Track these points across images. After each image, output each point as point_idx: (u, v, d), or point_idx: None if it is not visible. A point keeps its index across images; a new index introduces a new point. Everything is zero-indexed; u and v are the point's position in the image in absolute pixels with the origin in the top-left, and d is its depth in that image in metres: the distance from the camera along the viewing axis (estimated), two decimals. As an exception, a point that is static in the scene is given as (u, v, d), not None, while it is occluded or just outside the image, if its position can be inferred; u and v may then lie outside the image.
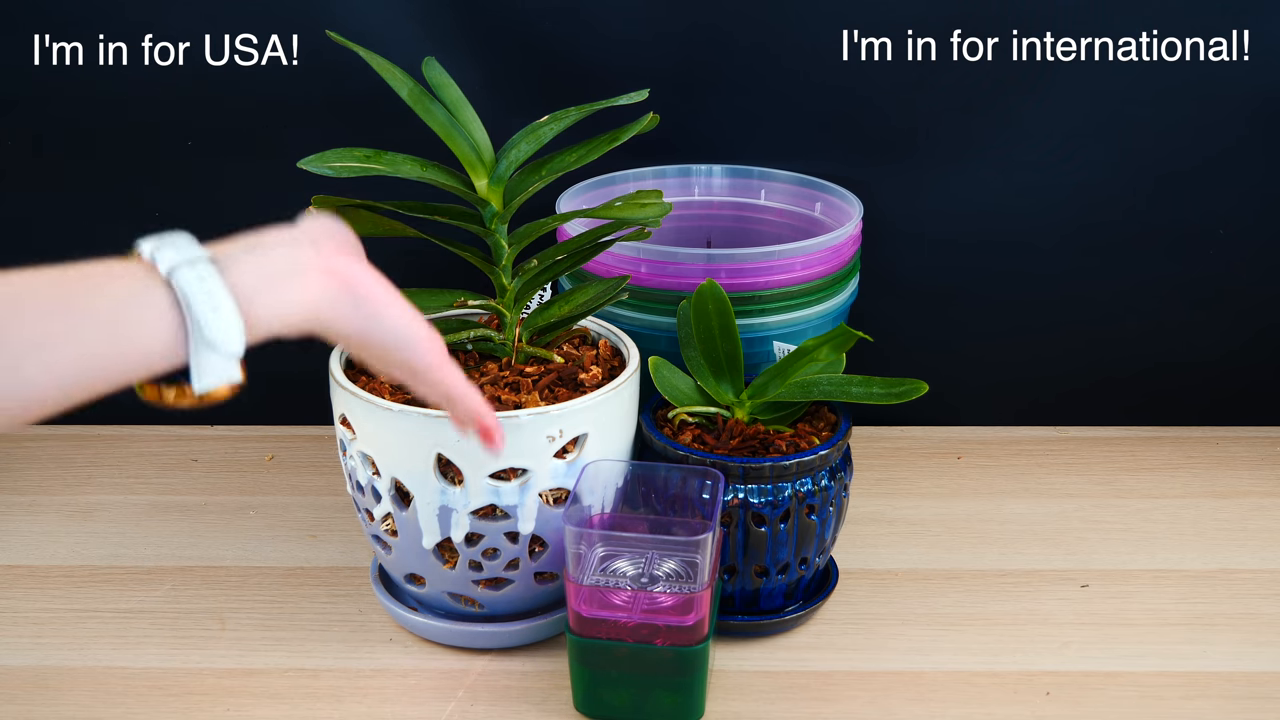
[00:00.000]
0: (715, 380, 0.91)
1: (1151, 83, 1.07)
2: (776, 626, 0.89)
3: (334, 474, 1.10)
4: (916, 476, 1.11)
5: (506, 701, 0.83)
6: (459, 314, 0.93)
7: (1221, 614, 0.92)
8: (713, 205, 1.13)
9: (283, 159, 0.87)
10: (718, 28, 1.08)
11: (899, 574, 0.97)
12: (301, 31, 1.05)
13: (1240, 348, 1.17)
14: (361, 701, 0.82)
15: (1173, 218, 1.12)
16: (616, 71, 1.08)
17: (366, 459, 0.83)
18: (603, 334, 0.93)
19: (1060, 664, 0.86)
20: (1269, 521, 1.04)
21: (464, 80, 0.91)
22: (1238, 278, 1.14)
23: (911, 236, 1.13)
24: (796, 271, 0.96)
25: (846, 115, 1.10)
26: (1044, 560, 0.98)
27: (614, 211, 0.85)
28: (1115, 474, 1.11)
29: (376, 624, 0.91)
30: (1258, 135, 1.09)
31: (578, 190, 1.08)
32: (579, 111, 0.88)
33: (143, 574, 0.97)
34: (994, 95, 1.08)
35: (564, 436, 0.81)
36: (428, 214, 0.84)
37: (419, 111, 0.86)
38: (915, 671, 0.86)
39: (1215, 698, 0.83)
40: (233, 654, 0.87)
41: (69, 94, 1.08)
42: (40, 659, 0.87)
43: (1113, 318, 1.16)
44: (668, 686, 0.79)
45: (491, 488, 0.81)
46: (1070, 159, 1.10)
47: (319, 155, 0.80)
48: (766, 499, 0.84)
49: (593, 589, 0.78)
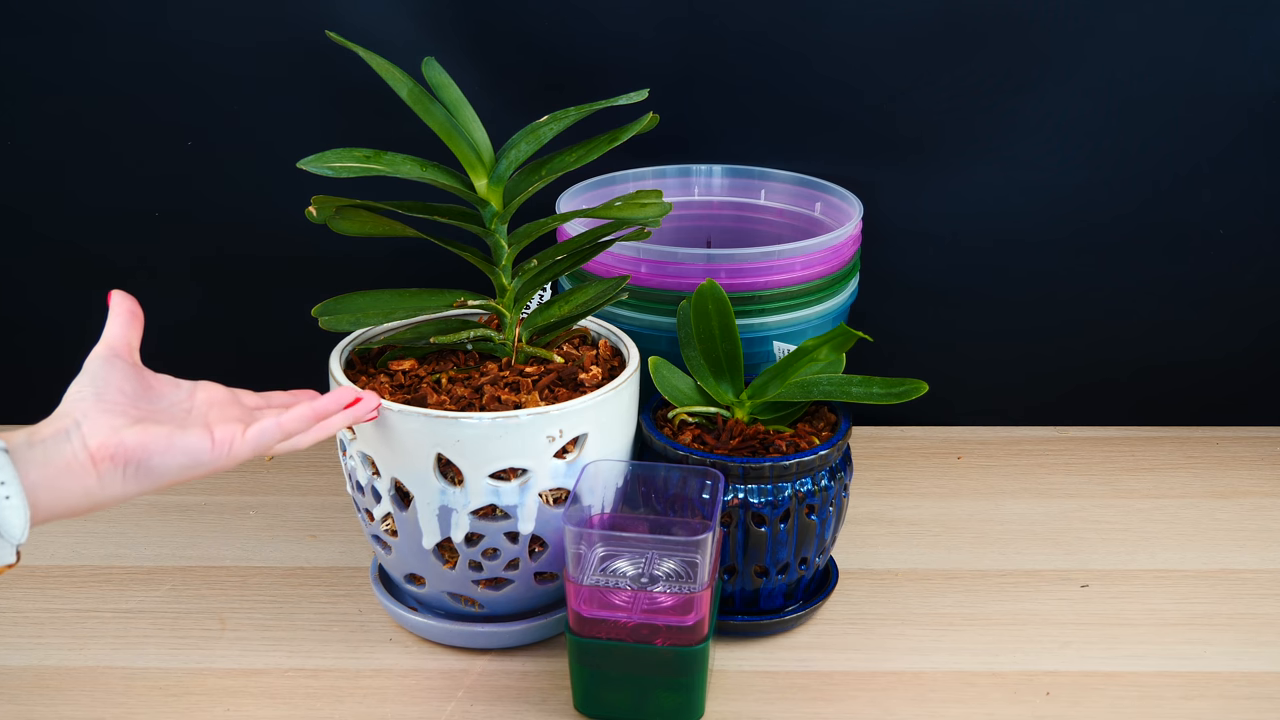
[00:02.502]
0: (715, 380, 0.91)
1: (1151, 82, 1.07)
2: (776, 626, 0.89)
3: (334, 474, 1.10)
4: (916, 476, 1.11)
5: (506, 701, 0.83)
6: (459, 314, 0.92)
7: (1221, 614, 0.92)
8: (713, 205, 1.13)
9: (283, 159, 0.87)
10: (718, 27, 1.08)
11: (899, 574, 0.97)
12: (301, 31, 1.05)
13: (1240, 348, 1.17)
14: (361, 701, 0.82)
15: (1172, 218, 1.12)
16: (616, 71, 1.08)
17: (366, 459, 0.83)
18: (603, 334, 0.93)
19: (1060, 664, 0.86)
20: (1269, 521, 1.04)
21: (464, 80, 0.91)
22: (1238, 278, 1.14)
23: (911, 236, 1.13)
24: (796, 271, 0.96)
25: (846, 115, 1.10)
26: (1044, 560, 0.98)
27: (614, 211, 0.85)
28: (1115, 474, 1.11)
29: (376, 624, 0.91)
30: (1257, 135, 1.09)
31: (578, 190, 1.08)
32: (579, 111, 0.88)
33: (143, 574, 0.97)
34: (994, 95, 1.08)
35: (564, 436, 0.81)
36: (427, 214, 0.84)
37: (419, 111, 0.86)
38: (915, 671, 0.86)
39: (1215, 698, 0.83)
40: (233, 654, 0.87)
41: (68, 93, 1.08)
42: (40, 659, 0.87)
43: (1113, 318, 1.16)
44: (668, 686, 0.79)
45: (491, 488, 0.81)
46: (1070, 159, 1.10)
47: (319, 155, 0.80)
48: (766, 499, 0.84)
49: (593, 589, 0.78)
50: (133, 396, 0.69)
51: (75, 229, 1.13)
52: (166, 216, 1.13)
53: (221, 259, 1.15)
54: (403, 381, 0.86)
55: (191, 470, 0.68)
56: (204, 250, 1.14)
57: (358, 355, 0.89)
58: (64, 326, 1.16)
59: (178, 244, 1.13)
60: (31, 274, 1.15)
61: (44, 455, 0.64)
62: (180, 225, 1.13)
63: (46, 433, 0.65)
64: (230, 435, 0.69)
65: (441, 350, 0.90)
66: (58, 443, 0.65)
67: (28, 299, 1.16)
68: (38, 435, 0.65)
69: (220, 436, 0.69)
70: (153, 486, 0.68)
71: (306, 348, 0.96)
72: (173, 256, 1.14)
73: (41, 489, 0.64)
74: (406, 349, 0.89)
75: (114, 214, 1.13)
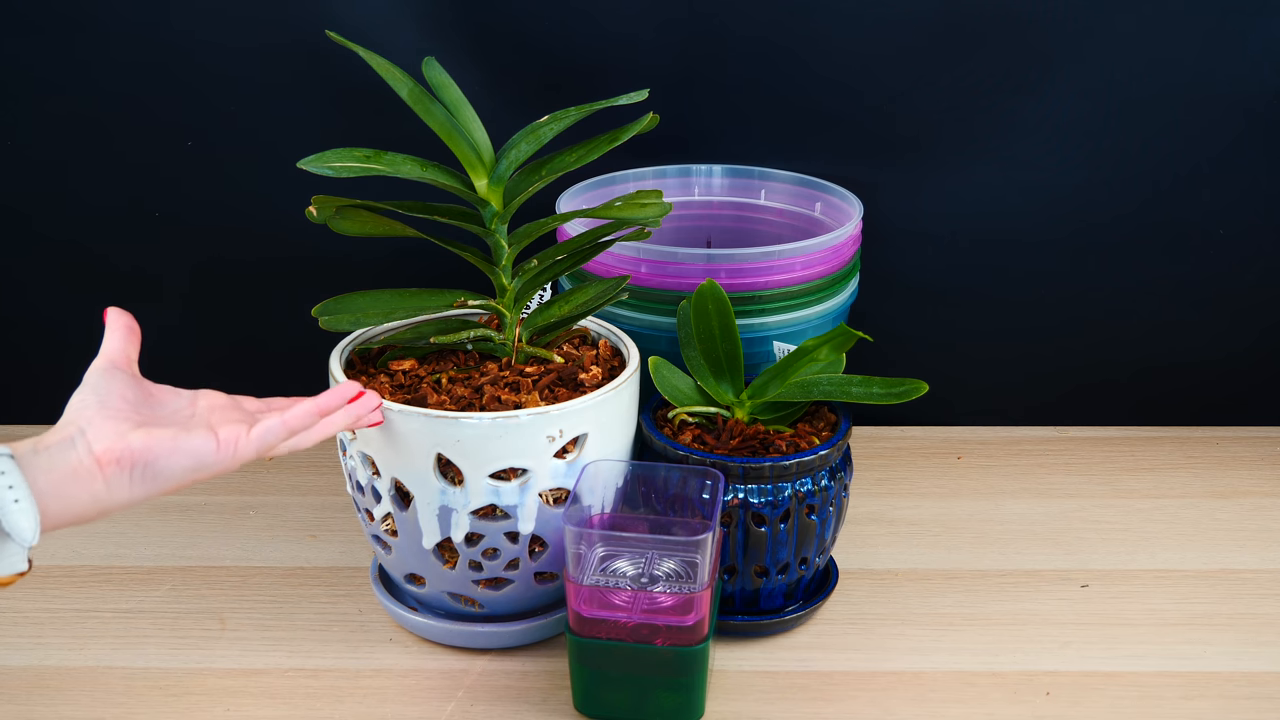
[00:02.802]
0: (715, 380, 0.91)
1: (1151, 83, 1.07)
2: (776, 626, 0.89)
3: (334, 474, 1.10)
4: (916, 476, 1.11)
5: (506, 701, 0.83)
6: (459, 314, 0.92)
7: (1221, 614, 0.92)
8: (713, 205, 1.13)
9: (283, 159, 0.87)
10: (718, 27, 1.07)
11: (899, 574, 0.97)
12: (301, 31, 1.05)
13: (1240, 348, 1.17)
14: (361, 701, 0.82)
15: (1172, 218, 1.12)
16: (616, 71, 1.08)
17: (366, 459, 0.83)
18: (603, 334, 0.93)
19: (1060, 664, 0.86)
20: (1269, 521, 1.04)
21: (464, 80, 0.91)
22: (1238, 278, 1.14)
23: (911, 236, 1.13)
24: (796, 271, 0.96)
25: (846, 115, 1.10)
26: (1044, 560, 0.98)
27: (614, 211, 0.85)
28: (1115, 474, 1.11)
29: (376, 624, 0.91)
30: (1257, 135, 1.09)
31: (578, 190, 1.08)
32: (579, 111, 0.88)
33: (143, 574, 0.97)
34: (994, 95, 1.08)
35: (564, 436, 0.81)
36: (428, 214, 0.84)
37: (419, 111, 0.86)
38: (915, 671, 0.86)
39: (1215, 698, 0.83)
40: (233, 654, 0.87)
41: (70, 94, 1.08)
42: (40, 659, 0.87)
43: (1113, 318, 1.16)
44: (668, 686, 0.79)
45: (491, 488, 0.81)
46: (1070, 159, 1.10)
47: (319, 155, 0.80)
48: (766, 499, 0.84)
49: (593, 589, 0.78)
50: (135, 403, 0.69)
51: (76, 229, 1.13)
52: (167, 216, 1.13)
53: (221, 258, 1.15)
54: (403, 381, 0.86)
55: (198, 472, 0.68)
56: (204, 250, 1.14)
57: (358, 355, 0.89)
58: (64, 327, 1.16)
59: (178, 243, 1.13)
60: (32, 274, 1.15)
61: (49, 462, 0.64)
62: (180, 225, 1.13)
63: (52, 440, 0.65)
64: (235, 435, 0.69)
65: (441, 350, 0.90)
66: (63, 449, 0.65)
67: (28, 299, 1.16)
68: (43, 443, 0.65)
69: (225, 437, 0.69)
70: (159, 490, 0.68)
71: (306, 348, 0.96)
72: (173, 256, 1.14)
73: (49, 496, 0.64)
74: (406, 349, 0.89)
75: (114, 214, 1.13)
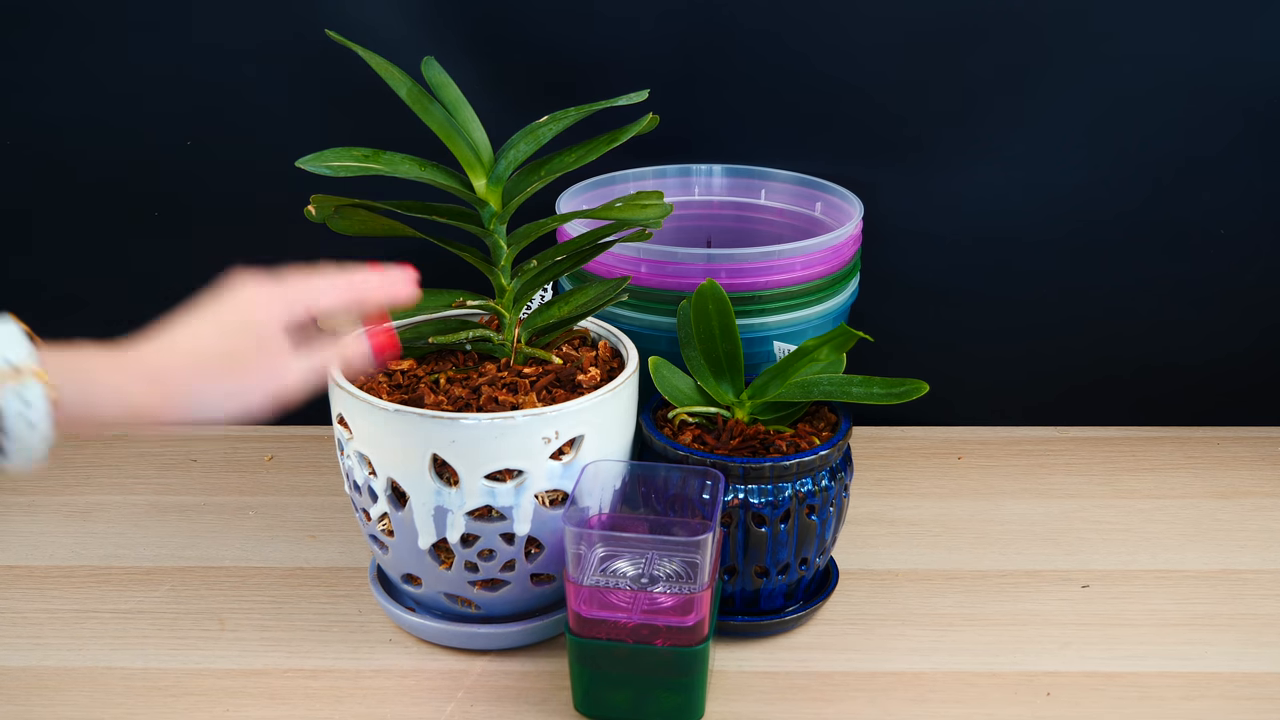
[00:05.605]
0: (715, 380, 0.91)
1: (1150, 82, 1.07)
2: (777, 627, 0.89)
3: (333, 474, 1.10)
4: (916, 476, 1.11)
5: (506, 702, 0.82)
6: (458, 314, 0.92)
7: (1222, 614, 0.91)
8: (713, 205, 1.13)
9: (282, 158, 0.87)
10: (718, 27, 1.07)
11: (899, 574, 0.97)
12: (300, 30, 1.05)
13: (1240, 348, 1.17)
14: (361, 702, 0.82)
15: (1172, 217, 1.12)
16: (616, 71, 1.08)
17: (363, 459, 0.83)
18: (603, 335, 0.93)
19: (1060, 664, 0.86)
20: (1269, 521, 1.04)
21: (464, 80, 0.91)
22: (1238, 278, 1.14)
23: (911, 236, 1.13)
24: (796, 271, 0.96)
25: (847, 115, 1.10)
26: (1044, 560, 0.98)
27: (614, 213, 0.85)
28: (1116, 474, 1.11)
29: (376, 624, 0.91)
30: (1257, 135, 1.09)
31: (577, 190, 1.07)
32: (579, 112, 0.87)
33: (142, 574, 0.97)
34: (994, 95, 1.08)
35: (560, 438, 0.81)
36: (426, 214, 0.84)
37: (418, 111, 0.86)
38: (915, 672, 0.85)
39: (1215, 698, 0.83)
40: (232, 654, 0.87)
41: (69, 93, 1.08)
42: (39, 659, 0.87)
43: (1113, 317, 1.16)
44: (668, 687, 0.79)
45: (487, 489, 0.80)
46: (1070, 159, 1.10)
47: (317, 155, 0.80)
48: (767, 499, 0.84)
49: (593, 589, 0.78)
50: None
51: (76, 229, 1.13)
52: (166, 216, 1.13)
53: (221, 258, 1.14)
54: (401, 381, 0.86)
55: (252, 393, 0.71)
56: (204, 249, 1.14)
57: (357, 355, 0.89)
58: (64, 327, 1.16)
59: (178, 243, 1.13)
60: (32, 274, 1.15)
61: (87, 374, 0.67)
62: (180, 224, 1.13)
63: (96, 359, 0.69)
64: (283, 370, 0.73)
65: (440, 350, 0.90)
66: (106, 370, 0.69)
67: (29, 299, 1.16)
68: None
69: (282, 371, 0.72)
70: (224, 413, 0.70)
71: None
72: (173, 256, 1.14)
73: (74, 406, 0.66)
74: (405, 349, 0.89)
75: (114, 213, 1.13)
